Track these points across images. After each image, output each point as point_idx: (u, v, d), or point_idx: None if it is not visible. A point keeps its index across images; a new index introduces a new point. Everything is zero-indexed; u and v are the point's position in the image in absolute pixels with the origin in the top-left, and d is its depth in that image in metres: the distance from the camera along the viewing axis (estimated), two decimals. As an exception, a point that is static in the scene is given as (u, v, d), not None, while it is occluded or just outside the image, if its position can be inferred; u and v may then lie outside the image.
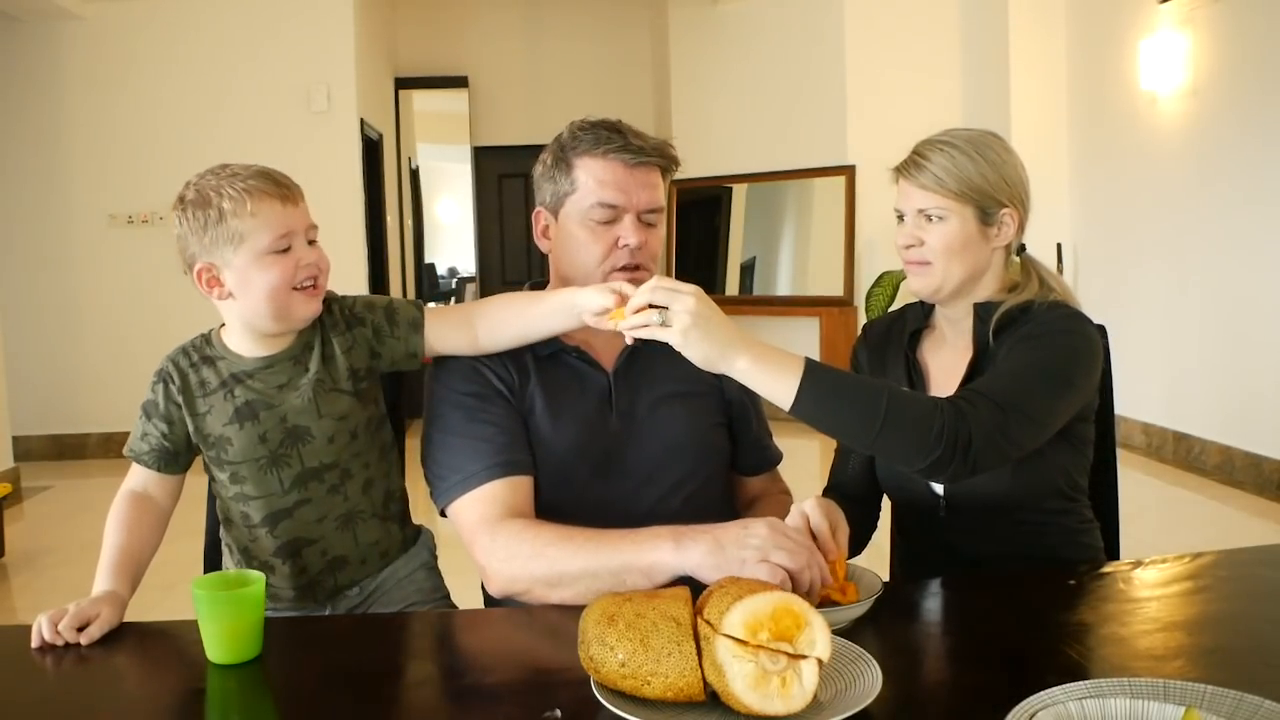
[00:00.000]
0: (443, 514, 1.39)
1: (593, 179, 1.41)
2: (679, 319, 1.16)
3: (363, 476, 1.41)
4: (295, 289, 1.31)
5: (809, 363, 1.19)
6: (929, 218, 1.40)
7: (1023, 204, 1.42)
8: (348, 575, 1.42)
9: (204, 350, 1.37)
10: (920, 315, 1.52)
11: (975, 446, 1.19)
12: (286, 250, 1.29)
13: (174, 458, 1.37)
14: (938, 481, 1.22)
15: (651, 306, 1.19)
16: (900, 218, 1.45)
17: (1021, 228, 1.43)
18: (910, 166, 1.42)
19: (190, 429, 1.35)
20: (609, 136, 1.41)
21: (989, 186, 1.39)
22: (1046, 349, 1.33)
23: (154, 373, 1.37)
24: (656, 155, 1.43)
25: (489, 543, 1.31)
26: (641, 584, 1.22)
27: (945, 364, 1.47)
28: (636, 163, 1.41)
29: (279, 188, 1.30)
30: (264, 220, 1.27)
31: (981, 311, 1.42)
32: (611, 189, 1.40)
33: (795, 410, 1.19)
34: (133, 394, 1.38)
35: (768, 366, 1.18)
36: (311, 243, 1.34)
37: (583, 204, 1.41)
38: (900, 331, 1.53)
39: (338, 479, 1.38)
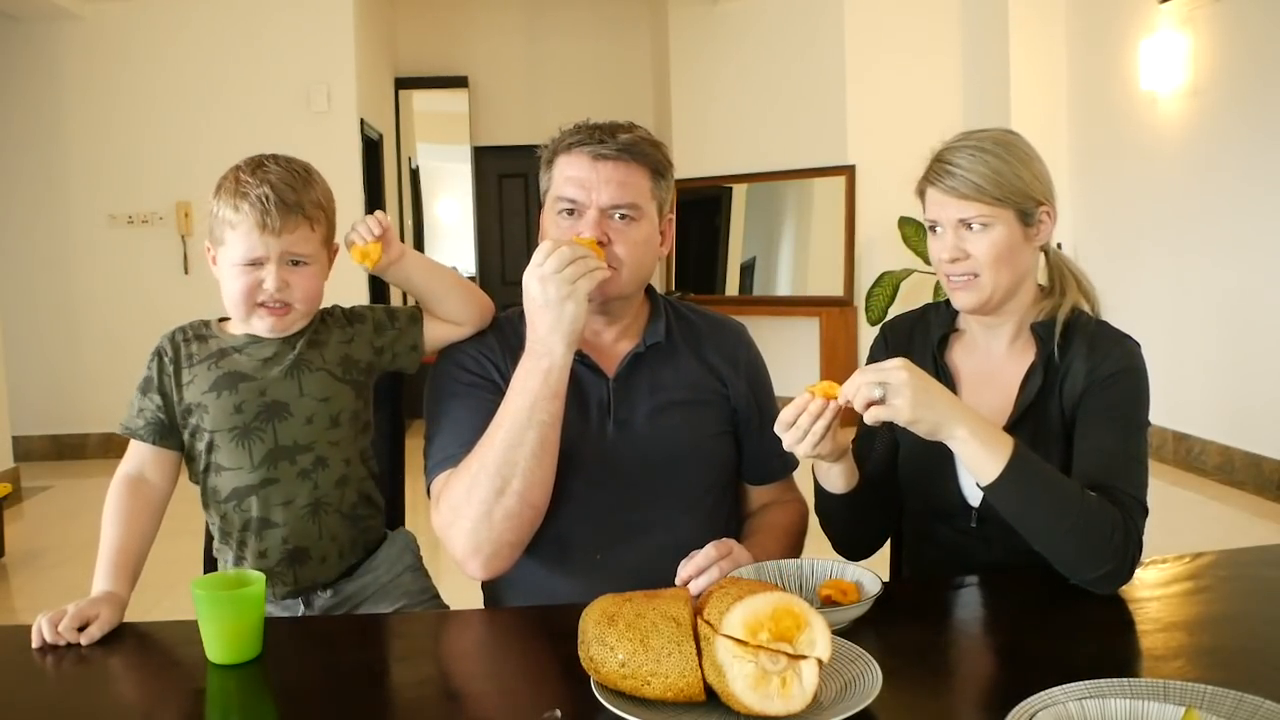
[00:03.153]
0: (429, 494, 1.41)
1: (560, 175, 1.41)
2: (900, 396, 1.16)
3: (339, 471, 1.40)
4: (258, 304, 1.34)
5: (1019, 446, 1.21)
6: (970, 227, 1.33)
7: (1054, 199, 1.38)
8: (309, 573, 1.40)
9: (200, 330, 1.41)
10: (947, 319, 1.46)
11: (1137, 560, 1.23)
12: (253, 265, 1.33)
13: (169, 431, 1.37)
14: (1098, 590, 1.22)
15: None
16: (933, 229, 1.37)
17: (1055, 221, 1.39)
18: (942, 175, 1.34)
19: (175, 399, 1.37)
20: (579, 130, 1.41)
21: (1025, 186, 1.33)
22: (1131, 404, 1.32)
23: (151, 351, 1.39)
24: (620, 149, 1.37)
25: (438, 517, 1.35)
26: (553, 406, 1.30)
27: (978, 369, 1.43)
28: (599, 155, 1.37)
29: (261, 215, 1.31)
30: (239, 235, 1.32)
31: (1042, 331, 1.38)
32: (572, 184, 1.38)
33: (992, 488, 1.20)
34: (132, 394, 1.39)
35: (982, 440, 1.20)
36: (296, 263, 1.34)
37: (551, 199, 1.42)
38: (925, 333, 1.48)
39: (310, 463, 1.38)
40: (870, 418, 1.19)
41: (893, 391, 1.17)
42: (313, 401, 1.37)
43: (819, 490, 1.41)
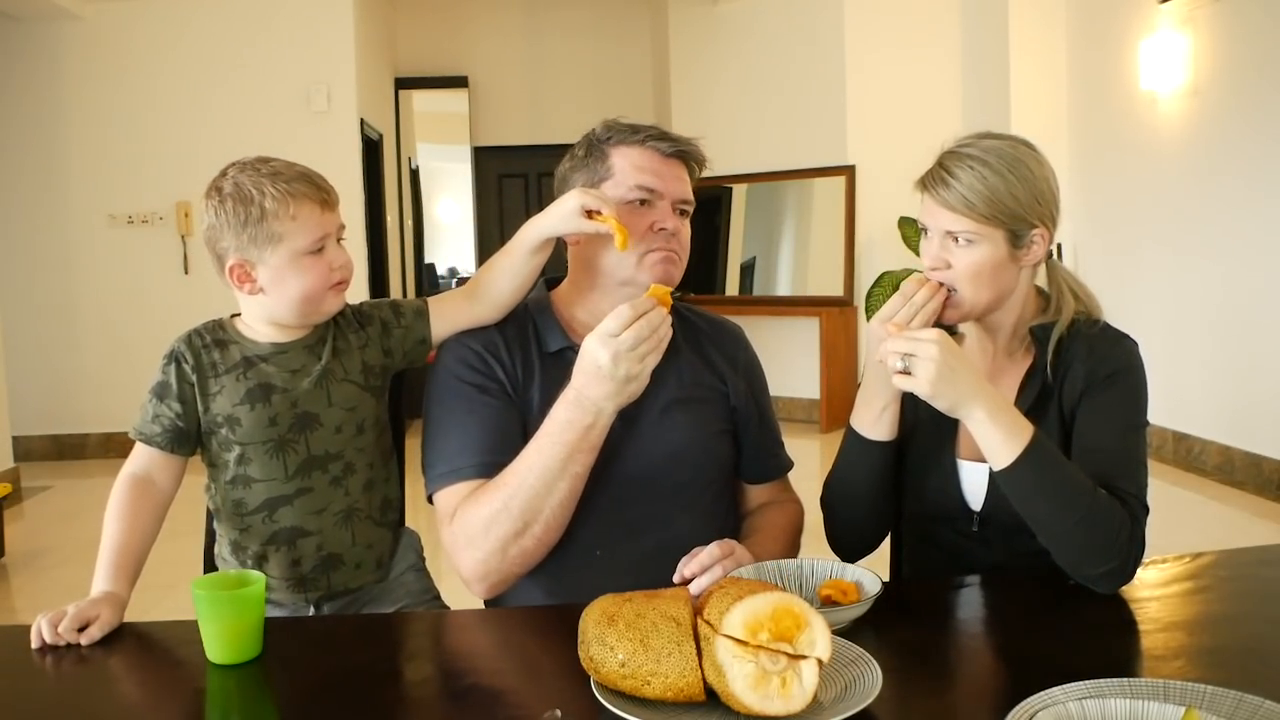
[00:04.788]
0: (430, 501, 1.41)
1: (630, 165, 1.43)
2: (924, 368, 1.17)
3: (365, 475, 1.41)
4: (330, 287, 1.36)
5: (1038, 434, 1.21)
6: (957, 240, 1.32)
7: (1054, 221, 1.36)
8: (341, 578, 1.41)
9: (216, 334, 1.39)
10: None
11: (1139, 560, 1.23)
12: (320, 251, 1.33)
13: (185, 438, 1.36)
14: (1099, 588, 1.22)
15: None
16: (924, 232, 1.38)
17: (1049, 244, 1.37)
18: (937, 183, 1.32)
19: (200, 409, 1.35)
20: (645, 127, 1.46)
21: (1021, 208, 1.31)
22: (1130, 404, 1.33)
23: (164, 355, 1.37)
24: (686, 150, 1.47)
25: (450, 537, 1.35)
26: (588, 459, 1.29)
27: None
28: (672, 152, 1.45)
29: (320, 192, 1.34)
30: (303, 224, 1.31)
31: (1040, 334, 1.38)
32: (650, 174, 1.43)
33: (1006, 473, 1.21)
34: (133, 394, 1.38)
35: (1001, 423, 1.20)
36: (339, 241, 1.38)
37: (620, 188, 1.43)
38: None
39: (341, 471, 1.38)
40: (894, 384, 1.22)
41: (917, 365, 1.18)
42: (340, 411, 1.38)
43: (849, 449, 1.40)
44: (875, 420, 1.37)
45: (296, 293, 1.33)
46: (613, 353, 1.23)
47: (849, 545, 1.45)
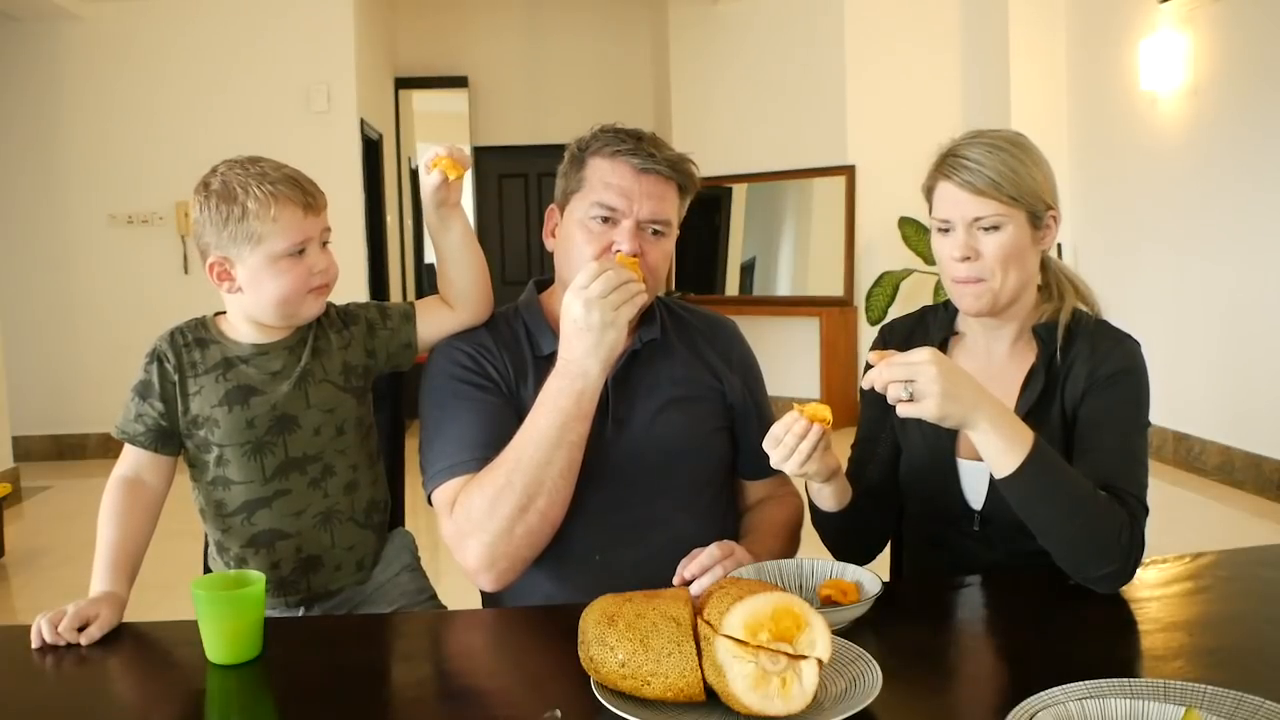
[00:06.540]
0: (430, 502, 1.40)
1: (599, 179, 1.39)
2: (929, 390, 1.16)
3: (347, 477, 1.40)
4: (308, 291, 1.34)
5: (1038, 441, 1.21)
6: (983, 226, 1.31)
7: (1059, 203, 1.37)
8: (320, 580, 1.40)
9: (198, 333, 1.38)
10: (945, 322, 1.45)
11: (1139, 560, 1.23)
12: (300, 254, 1.32)
13: (169, 437, 1.36)
14: (1100, 589, 1.22)
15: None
16: (943, 228, 1.34)
17: (1059, 226, 1.37)
18: (957, 168, 1.31)
19: (180, 409, 1.35)
20: (623, 139, 1.40)
21: (1038, 187, 1.32)
22: (1132, 404, 1.33)
23: (146, 353, 1.36)
24: (665, 165, 1.39)
25: (453, 528, 1.32)
26: (582, 428, 1.30)
27: (979, 372, 1.37)
28: (644, 169, 1.38)
29: (304, 195, 1.32)
30: (283, 226, 1.30)
31: (1043, 333, 1.37)
32: (613, 191, 1.38)
33: (1008, 481, 1.20)
34: (127, 396, 1.37)
35: (1003, 433, 1.19)
36: (324, 244, 1.36)
37: (584, 203, 1.40)
38: (924, 336, 1.46)
39: (319, 473, 1.38)
40: (900, 413, 1.20)
41: (921, 392, 1.17)
42: (319, 413, 1.37)
43: (812, 509, 1.41)
44: (817, 496, 1.37)
45: (273, 295, 1.32)
46: (584, 301, 1.25)
47: (852, 559, 1.45)
